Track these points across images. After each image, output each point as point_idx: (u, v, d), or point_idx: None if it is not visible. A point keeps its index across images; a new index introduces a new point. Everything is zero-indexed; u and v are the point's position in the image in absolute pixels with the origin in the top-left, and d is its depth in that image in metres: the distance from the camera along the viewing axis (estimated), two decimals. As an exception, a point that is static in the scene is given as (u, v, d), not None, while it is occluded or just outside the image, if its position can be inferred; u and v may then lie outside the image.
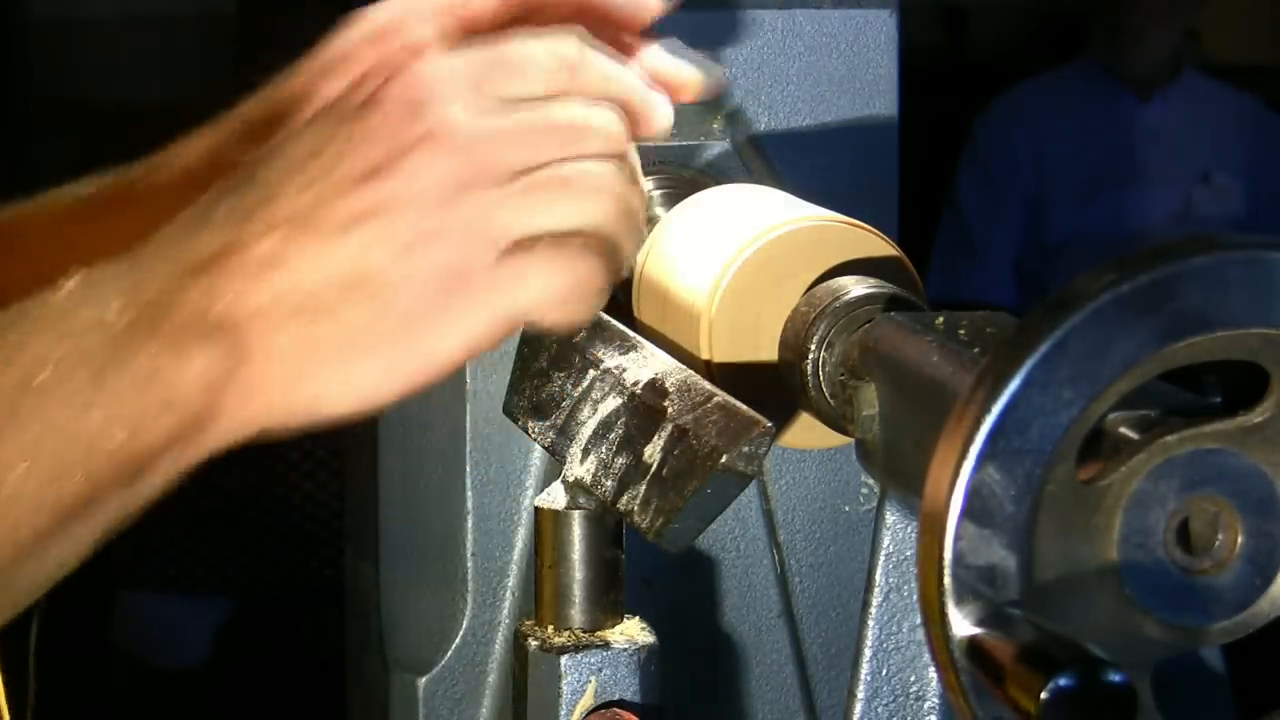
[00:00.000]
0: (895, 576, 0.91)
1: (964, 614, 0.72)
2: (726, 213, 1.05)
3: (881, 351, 0.89)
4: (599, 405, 0.99)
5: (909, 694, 0.90)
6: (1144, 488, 0.74)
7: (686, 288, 1.01)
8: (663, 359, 0.98)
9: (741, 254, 0.99)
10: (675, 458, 0.92)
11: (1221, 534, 0.75)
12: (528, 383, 1.05)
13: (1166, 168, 3.70)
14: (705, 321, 0.99)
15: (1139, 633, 0.75)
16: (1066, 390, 0.71)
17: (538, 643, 0.98)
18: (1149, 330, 0.71)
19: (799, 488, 1.23)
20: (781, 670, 1.24)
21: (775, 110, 1.25)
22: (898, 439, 0.89)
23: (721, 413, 0.91)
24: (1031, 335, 0.71)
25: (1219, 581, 0.75)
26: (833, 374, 0.94)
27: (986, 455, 0.71)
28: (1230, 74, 3.92)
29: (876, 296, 0.95)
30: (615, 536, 0.98)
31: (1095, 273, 0.72)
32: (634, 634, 0.99)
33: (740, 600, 1.23)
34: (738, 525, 1.22)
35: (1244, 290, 0.72)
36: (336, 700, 1.42)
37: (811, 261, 0.99)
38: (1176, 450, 0.74)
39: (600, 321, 1.04)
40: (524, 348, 1.07)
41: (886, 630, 0.91)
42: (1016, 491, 0.72)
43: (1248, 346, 0.73)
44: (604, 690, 0.97)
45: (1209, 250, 0.72)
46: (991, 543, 0.72)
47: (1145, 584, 0.75)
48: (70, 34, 4.25)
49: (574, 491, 0.98)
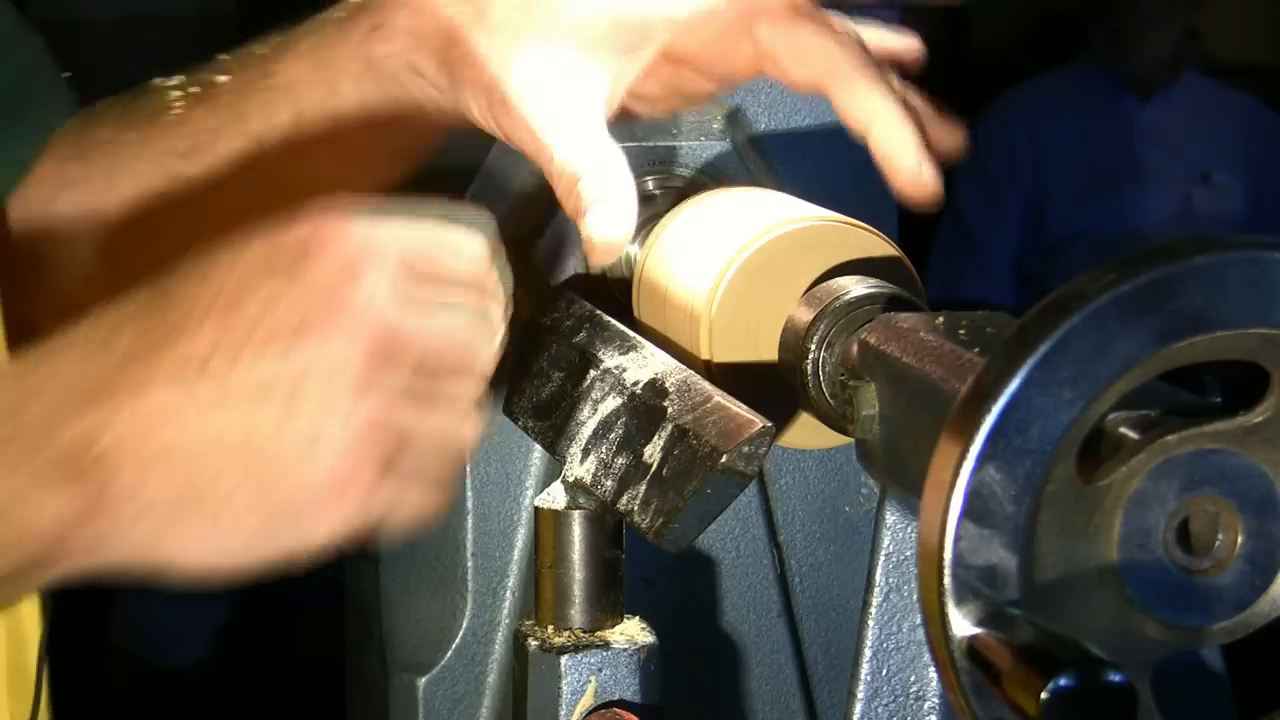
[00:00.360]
0: (895, 576, 0.91)
1: (964, 614, 0.72)
2: (726, 213, 1.05)
3: (881, 351, 0.89)
4: (599, 405, 0.99)
5: (909, 694, 0.90)
6: (1144, 488, 0.74)
7: (686, 288, 1.01)
8: (663, 359, 0.98)
9: (741, 254, 0.99)
10: (675, 458, 0.92)
11: (1221, 534, 0.75)
12: (528, 383, 1.05)
13: (1166, 167, 3.70)
14: (705, 321, 0.99)
15: (1139, 633, 0.75)
16: (1066, 390, 0.71)
17: (538, 643, 0.98)
18: (1149, 330, 0.71)
19: (799, 488, 1.23)
20: (781, 670, 1.24)
21: (775, 110, 1.25)
22: (898, 439, 0.89)
23: (721, 413, 0.91)
24: (1031, 335, 0.71)
25: (1219, 581, 0.75)
26: (833, 374, 0.94)
27: (986, 455, 0.71)
28: (1230, 74, 3.92)
29: (876, 296, 0.95)
30: (615, 536, 0.98)
31: (1095, 273, 0.72)
32: (634, 634, 0.99)
33: (740, 600, 1.23)
34: (738, 525, 1.22)
35: (1244, 290, 0.72)
36: (336, 700, 1.42)
37: (811, 261, 0.99)
38: (1176, 450, 0.74)
39: (600, 321, 1.04)
40: (524, 348, 1.07)
41: (886, 630, 0.91)
42: (1016, 491, 0.72)
43: (1248, 346, 0.73)
44: (604, 690, 0.97)
45: (1209, 250, 0.72)
46: (991, 543, 0.72)
47: (1145, 584, 0.75)
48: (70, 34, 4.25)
49: (574, 491, 0.98)
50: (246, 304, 0.80)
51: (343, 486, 0.80)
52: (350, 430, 0.79)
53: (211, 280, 0.81)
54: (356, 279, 0.80)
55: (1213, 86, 3.80)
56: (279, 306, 0.80)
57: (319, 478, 0.79)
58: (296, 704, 2.98)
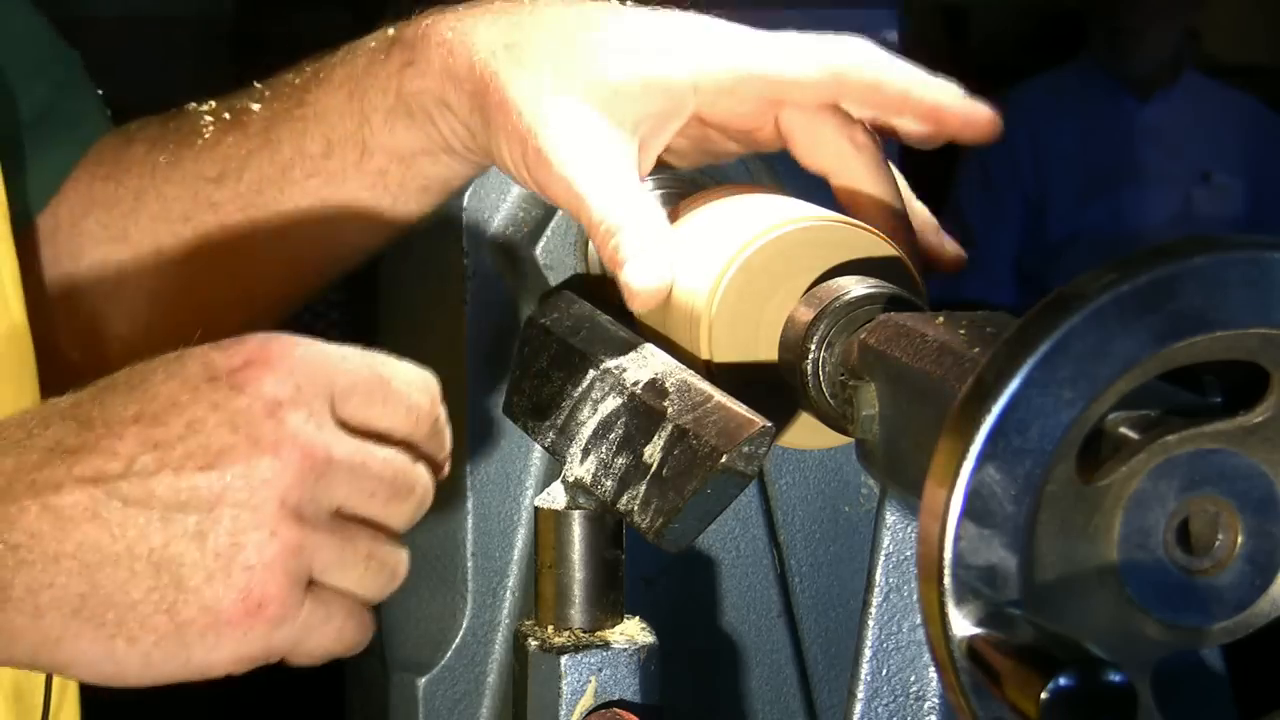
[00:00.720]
0: (895, 576, 0.91)
1: (964, 614, 0.72)
2: (726, 213, 1.05)
3: (881, 351, 0.89)
4: (599, 405, 0.98)
5: (909, 694, 0.90)
6: (1144, 488, 0.74)
7: (686, 288, 1.01)
8: (663, 359, 0.98)
9: (741, 254, 0.99)
10: (675, 458, 0.92)
11: (1221, 534, 0.75)
12: (528, 383, 1.05)
13: (1166, 168, 3.70)
14: (705, 321, 0.99)
15: (1139, 633, 0.75)
16: (1066, 390, 0.71)
17: (538, 643, 0.98)
18: (1149, 330, 0.71)
19: (799, 488, 1.23)
20: (781, 670, 1.24)
21: (775, 110, 1.25)
22: (898, 439, 0.89)
23: (721, 413, 0.91)
24: (1031, 335, 0.71)
25: (1219, 581, 0.75)
26: (833, 374, 0.94)
27: (986, 455, 0.71)
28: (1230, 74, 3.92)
29: (876, 296, 0.95)
30: (615, 536, 0.98)
31: (1095, 273, 0.72)
32: (634, 634, 0.99)
33: (740, 600, 1.23)
34: (738, 525, 1.22)
35: (1244, 290, 0.72)
36: (336, 700, 1.42)
37: (811, 261, 0.99)
38: (1176, 450, 0.74)
39: (600, 321, 1.04)
40: (524, 348, 1.07)
41: (886, 630, 0.91)
42: (1016, 491, 0.72)
43: (1248, 346, 0.73)
44: (604, 690, 0.97)
45: (1209, 250, 0.72)
46: (991, 543, 0.72)
47: (1145, 584, 0.75)
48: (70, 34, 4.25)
49: (574, 491, 0.98)
50: (176, 417, 0.79)
51: (255, 607, 0.79)
52: (270, 551, 0.79)
53: (146, 387, 0.80)
54: (296, 400, 0.80)
55: (1213, 86, 3.81)
56: (209, 422, 0.79)
57: (231, 597, 0.78)
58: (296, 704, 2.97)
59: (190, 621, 0.79)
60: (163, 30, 4.10)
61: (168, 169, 1.11)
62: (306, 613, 0.81)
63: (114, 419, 0.79)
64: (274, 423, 0.79)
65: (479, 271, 1.17)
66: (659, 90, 1.01)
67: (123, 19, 4.12)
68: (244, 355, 0.81)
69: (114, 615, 0.78)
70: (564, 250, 1.17)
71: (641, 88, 1.00)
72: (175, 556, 0.78)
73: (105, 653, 0.79)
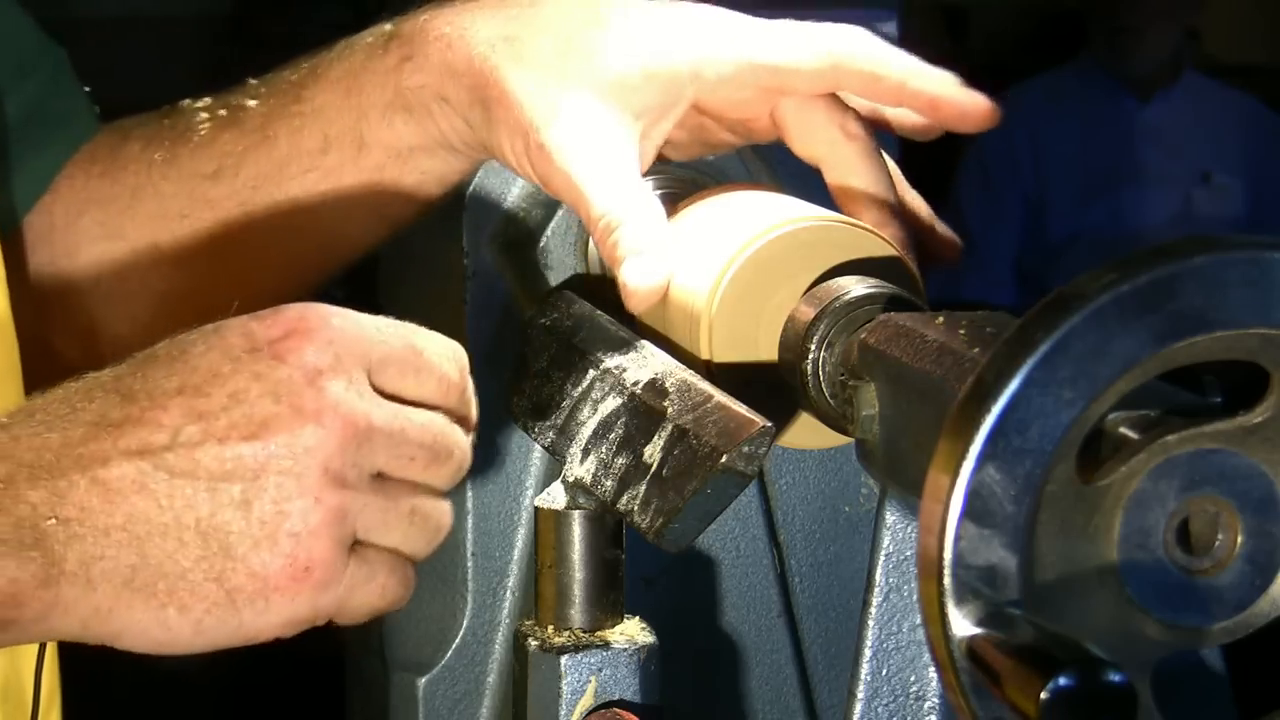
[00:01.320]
0: (895, 576, 0.91)
1: (964, 614, 0.72)
2: (726, 213, 1.05)
3: (881, 351, 0.89)
4: (599, 405, 0.98)
5: (909, 694, 0.90)
6: (1144, 488, 0.74)
7: (686, 288, 1.01)
8: (663, 359, 0.98)
9: (741, 254, 0.99)
10: (675, 458, 0.92)
11: (1221, 534, 0.75)
12: (528, 383, 1.05)
13: (1166, 168, 3.70)
14: (705, 321, 0.99)
15: (1139, 633, 0.75)
16: (1066, 390, 0.71)
17: (538, 643, 0.98)
18: (1149, 330, 0.71)
19: (799, 488, 1.23)
20: (781, 670, 1.24)
21: (775, 110, 1.25)
22: (898, 439, 0.89)
23: (721, 413, 0.91)
24: (1031, 335, 0.71)
25: (1219, 581, 0.75)
26: (833, 374, 0.94)
27: (986, 455, 0.71)
28: (1230, 74, 3.93)
29: (876, 296, 0.95)
30: (615, 536, 0.98)
31: (1095, 273, 0.72)
32: (634, 634, 0.98)
33: (740, 600, 1.23)
34: (738, 525, 1.22)
35: (1244, 290, 0.72)
36: (336, 700, 1.42)
37: (811, 261, 0.99)
38: (1176, 450, 0.74)
39: (600, 321, 1.04)
40: (524, 348, 1.07)
41: (886, 630, 0.91)
42: (1016, 491, 0.72)
43: (1248, 346, 0.73)
44: (604, 690, 0.97)
45: (1209, 250, 0.72)
46: (991, 543, 0.72)
47: (1145, 584, 0.74)
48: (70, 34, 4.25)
49: (574, 491, 0.98)
50: (219, 388, 0.80)
51: (302, 572, 0.80)
52: (315, 517, 0.80)
53: (187, 359, 0.81)
54: (335, 369, 0.81)
55: (1213, 87, 3.81)
56: (251, 392, 0.80)
57: (278, 563, 0.80)
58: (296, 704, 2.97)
59: (239, 588, 0.80)
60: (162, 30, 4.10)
61: (164, 166, 1.11)
62: (350, 573, 0.82)
63: (157, 391, 0.80)
64: (315, 391, 0.80)
65: (479, 271, 1.17)
66: (660, 80, 1.01)
67: (122, 19, 4.13)
68: (283, 326, 0.82)
69: (165, 585, 0.79)
70: (564, 250, 1.17)
71: (643, 78, 1.00)
72: (222, 525, 0.79)
73: (157, 621, 0.80)
